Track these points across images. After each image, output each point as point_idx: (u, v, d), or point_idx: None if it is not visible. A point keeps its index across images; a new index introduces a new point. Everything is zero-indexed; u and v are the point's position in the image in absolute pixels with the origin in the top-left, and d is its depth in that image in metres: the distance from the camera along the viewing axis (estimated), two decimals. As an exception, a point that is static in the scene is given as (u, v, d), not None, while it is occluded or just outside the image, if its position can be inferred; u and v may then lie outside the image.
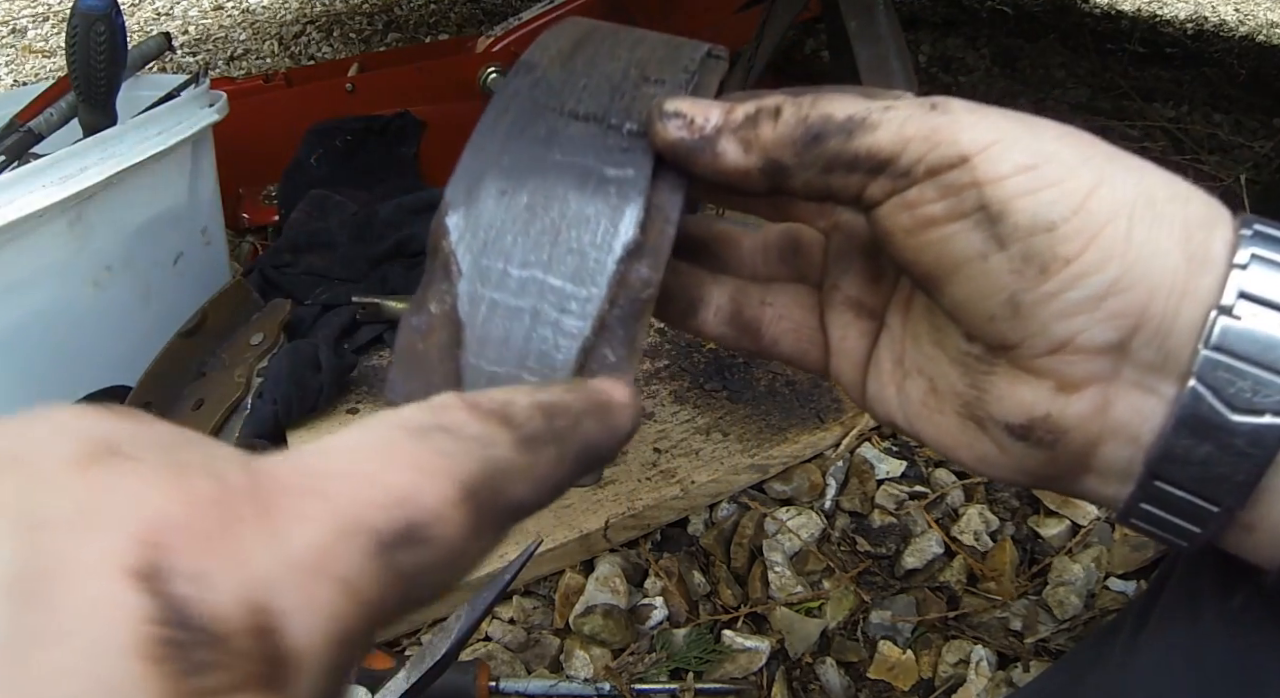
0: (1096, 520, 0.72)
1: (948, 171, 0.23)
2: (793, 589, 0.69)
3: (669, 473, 0.74)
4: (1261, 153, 1.25)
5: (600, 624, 0.66)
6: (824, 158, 0.24)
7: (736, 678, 0.64)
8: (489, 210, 0.25)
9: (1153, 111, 1.36)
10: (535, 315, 0.24)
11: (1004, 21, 1.73)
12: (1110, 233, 0.22)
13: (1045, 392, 0.24)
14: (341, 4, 2.06)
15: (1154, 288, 0.22)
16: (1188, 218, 0.23)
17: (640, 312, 0.24)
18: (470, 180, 0.25)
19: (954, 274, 0.24)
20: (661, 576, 0.70)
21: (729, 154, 0.25)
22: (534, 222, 0.25)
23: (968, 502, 0.75)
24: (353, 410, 0.81)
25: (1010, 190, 0.22)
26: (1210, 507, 0.23)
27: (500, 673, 0.63)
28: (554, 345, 0.24)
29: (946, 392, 0.27)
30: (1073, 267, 0.22)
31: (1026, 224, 0.22)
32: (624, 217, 0.25)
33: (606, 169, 0.25)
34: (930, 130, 0.23)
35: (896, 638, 0.66)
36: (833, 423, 0.78)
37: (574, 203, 0.25)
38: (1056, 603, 0.66)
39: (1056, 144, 0.23)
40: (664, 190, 0.26)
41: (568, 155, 0.25)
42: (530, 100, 0.26)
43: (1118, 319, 0.22)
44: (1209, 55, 1.60)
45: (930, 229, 0.24)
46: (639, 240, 0.25)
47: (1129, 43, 1.62)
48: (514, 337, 0.24)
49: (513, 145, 0.26)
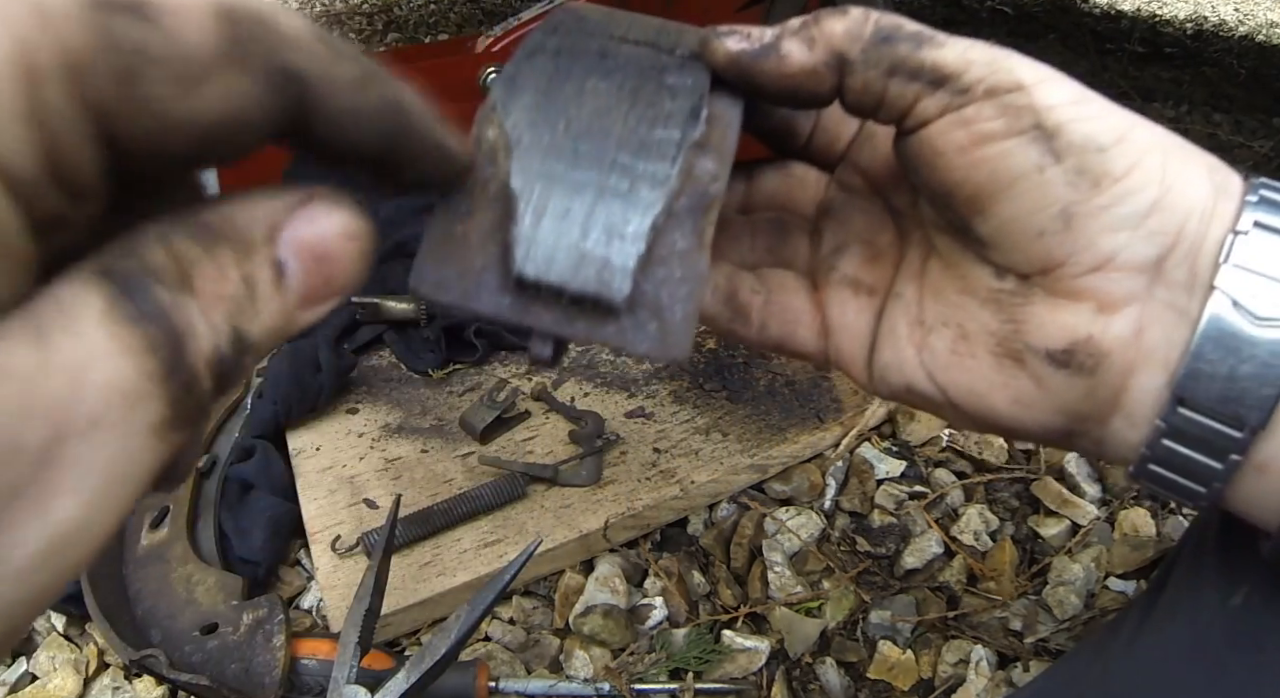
0: (1096, 520, 0.72)
1: (1008, 93, 0.24)
2: (792, 589, 0.69)
3: (668, 473, 0.74)
4: (1261, 153, 1.25)
5: (600, 624, 0.66)
6: (890, 59, 0.25)
7: (736, 678, 0.64)
8: (544, 99, 0.23)
9: (1153, 111, 1.36)
10: (601, 189, 0.22)
11: (1004, 21, 1.73)
12: (1150, 161, 0.24)
13: (1086, 313, 0.25)
14: (341, 4, 2.06)
15: (1189, 210, 0.24)
16: (1208, 161, 0.26)
17: (708, 206, 0.23)
18: (518, 72, 0.24)
19: (1008, 189, 0.25)
20: (661, 576, 0.70)
21: (794, 53, 0.25)
22: (593, 106, 0.23)
23: (968, 502, 0.75)
24: (352, 410, 0.81)
25: (1063, 115, 0.24)
26: (1233, 432, 0.24)
27: (500, 673, 0.63)
28: (623, 218, 0.21)
29: (978, 333, 0.27)
30: (1121, 184, 0.24)
31: (1080, 142, 0.24)
32: (686, 110, 0.24)
33: (666, 77, 0.24)
34: (991, 58, 0.24)
35: (896, 638, 0.66)
36: (832, 423, 0.78)
37: (631, 98, 0.24)
38: (1056, 603, 0.66)
39: (1091, 92, 0.25)
40: (722, 102, 0.25)
41: (625, 66, 0.24)
42: (577, 30, 0.25)
43: (1158, 236, 0.24)
44: (1209, 55, 1.60)
45: (987, 145, 0.25)
46: (704, 135, 0.24)
47: (1129, 43, 1.62)
48: (576, 210, 0.21)
49: (564, 59, 0.24)
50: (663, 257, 0.21)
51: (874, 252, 0.31)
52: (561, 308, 0.21)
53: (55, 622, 0.70)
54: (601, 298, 0.21)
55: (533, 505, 0.72)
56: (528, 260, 0.21)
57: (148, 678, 0.65)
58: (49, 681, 0.66)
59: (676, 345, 0.21)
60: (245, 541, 0.70)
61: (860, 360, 0.31)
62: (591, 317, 0.21)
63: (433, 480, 0.74)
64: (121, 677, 0.66)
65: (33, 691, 0.66)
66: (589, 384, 0.83)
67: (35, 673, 0.67)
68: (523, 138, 0.22)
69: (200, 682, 0.57)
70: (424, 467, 0.75)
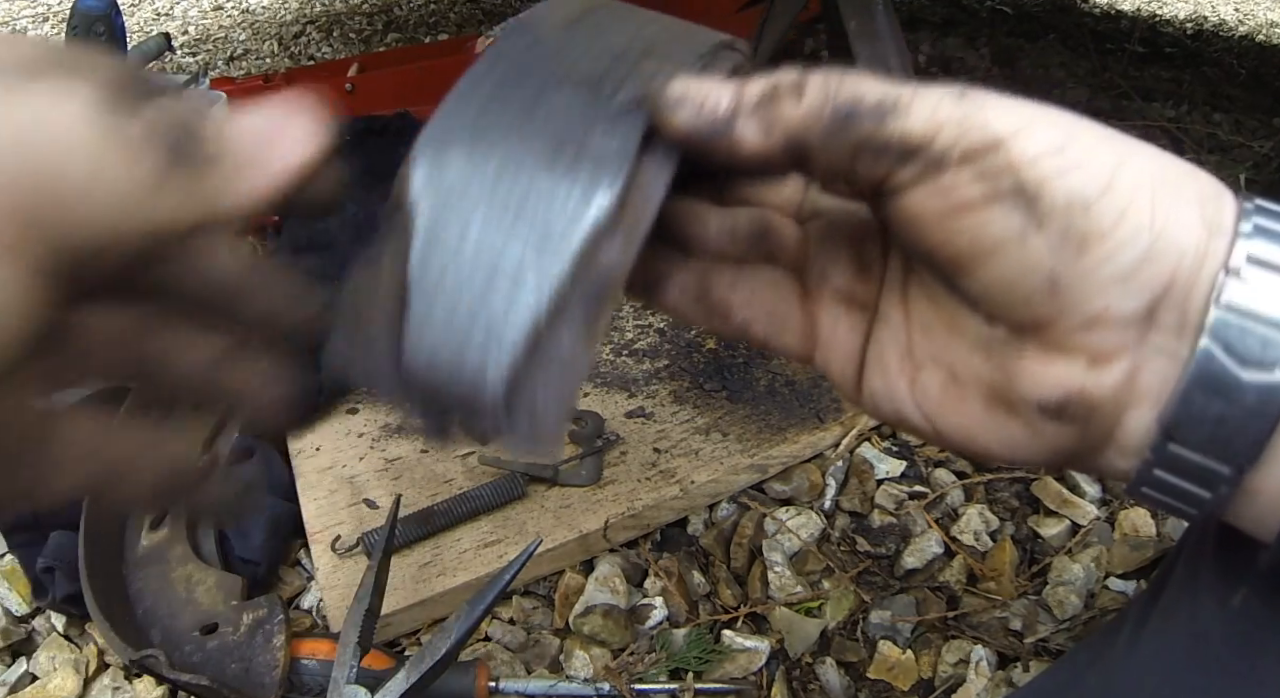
0: (1096, 520, 0.72)
1: (983, 156, 0.23)
2: (792, 589, 0.69)
3: (669, 473, 0.74)
4: (1261, 153, 1.25)
5: (600, 624, 0.66)
6: (853, 139, 0.23)
7: (736, 678, 0.64)
8: (455, 169, 0.23)
9: (1153, 111, 1.36)
10: (488, 285, 0.22)
11: (1004, 21, 1.73)
12: (1138, 206, 0.23)
13: (1078, 367, 0.24)
14: (341, 4, 2.06)
15: (1180, 253, 0.23)
16: (1200, 191, 0.24)
17: (605, 294, 0.22)
18: (442, 137, 0.23)
19: (990, 257, 0.24)
20: (661, 576, 0.70)
21: (748, 137, 0.24)
22: (501, 186, 0.22)
23: (968, 502, 0.75)
24: (353, 410, 0.81)
25: (1045, 170, 0.23)
26: (1221, 468, 0.24)
27: (500, 673, 0.63)
28: (505, 317, 0.21)
29: (969, 379, 0.27)
30: (1109, 241, 0.23)
31: (1064, 204, 0.23)
32: (599, 191, 0.22)
33: (590, 139, 0.23)
34: (962, 115, 0.23)
35: (896, 638, 0.66)
36: (833, 423, 0.78)
37: (547, 171, 0.22)
38: (1056, 603, 0.66)
39: (1074, 126, 0.24)
40: (650, 168, 0.24)
41: (551, 121, 0.23)
42: (521, 61, 0.24)
43: (1148, 287, 0.23)
44: (1209, 55, 1.60)
45: (966, 214, 0.23)
46: (614, 218, 0.22)
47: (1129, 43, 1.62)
48: (462, 306, 0.22)
49: (494, 106, 0.23)
50: (543, 360, 0.22)
51: (862, 262, 0.30)
52: (443, 401, 0.23)
53: (55, 622, 0.70)
54: (476, 403, 0.22)
55: (533, 506, 0.72)
56: (414, 356, 0.22)
57: (148, 678, 0.65)
58: (49, 681, 0.66)
59: (547, 443, 0.22)
60: (245, 541, 0.70)
61: (849, 380, 0.30)
62: (469, 413, 0.22)
63: (433, 481, 0.74)
64: (121, 677, 0.66)
65: (33, 691, 0.66)
66: (589, 384, 0.83)
67: (35, 673, 0.67)
68: (430, 211, 0.22)
69: (200, 682, 0.57)
70: (424, 467, 0.75)
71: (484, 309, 0.22)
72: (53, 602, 0.68)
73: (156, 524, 0.71)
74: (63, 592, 0.67)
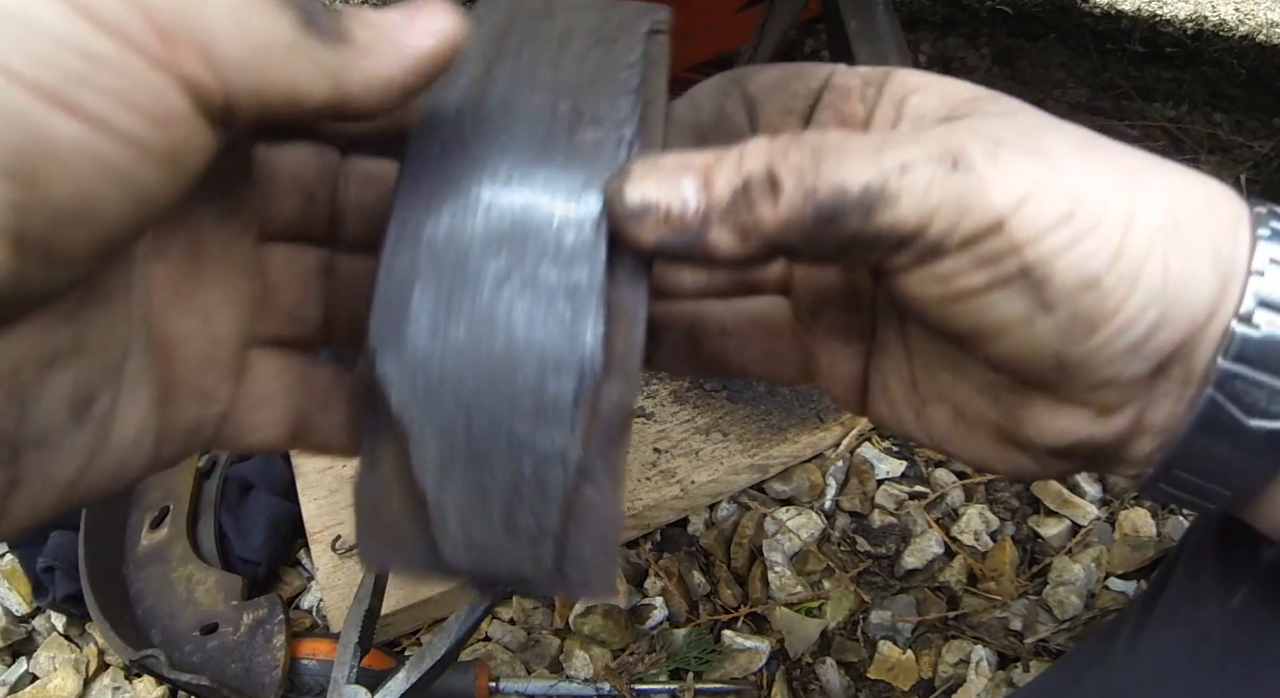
0: (1096, 521, 0.72)
1: (984, 240, 0.21)
2: (793, 589, 0.69)
3: (669, 473, 0.74)
4: (1261, 153, 1.25)
5: (600, 624, 0.66)
6: (839, 238, 0.21)
7: (736, 678, 0.64)
8: (423, 350, 0.20)
9: (1153, 111, 1.36)
10: (505, 469, 0.20)
11: (1004, 21, 1.73)
12: (1150, 271, 0.21)
13: (1084, 419, 0.24)
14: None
15: (1192, 317, 0.22)
16: (1215, 230, 0.22)
17: (619, 436, 0.21)
18: (396, 306, 0.20)
19: (995, 337, 0.22)
20: (661, 576, 0.70)
21: (723, 246, 0.21)
22: (480, 356, 0.20)
23: (968, 502, 0.75)
24: (352, 410, 0.81)
25: (1051, 248, 0.21)
26: (1224, 491, 0.24)
27: (500, 673, 0.63)
28: (533, 502, 0.21)
29: (977, 419, 0.26)
30: (1119, 317, 0.21)
31: (1073, 284, 0.21)
32: (583, 337, 0.20)
33: (552, 273, 0.20)
34: (957, 195, 0.20)
35: (896, 638, 0.66)
36: (833, 423, 0.78)
37: (521, 326, 0.20)
38: (1056, 603, 0.66)
39: (1081, 172, 0.21)
40: (624, 283, 0.21)
41: (503, 258, 0.20)
42: (445, 172, 0.21)
43: (1158, 353, 0.22)
44: (1209, 55, 1.60)
45: (969, 299, 0.22)
46: (604, 361, 0.20)
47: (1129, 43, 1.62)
48: (485, 495, 0.21)
49: (438, 247, 0.20)
50: (580, 518, 0.21)
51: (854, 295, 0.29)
52: (492, 579, 0.22)
53: (55, 622, 0.70)
54: (526, 578, 0.22)
55: (533, 506, 0.72)
56: (452, 550, 0.21)
57: (148, 678, 0.65)
58: (49, 681, 0.66)
59: (602, 587, 0.22)
60: (245, 541, 0.70)
61: (853, 404, 0.29)
62: (521, 585, 0.22)
63: (433, 481, 0.74)
64: (121, 677, 0.66)
65: (33, 691, 0.66)
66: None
67: (35, 673, 0.67)
68: (410, 417, 0.21)
69: (200, 682, 0.57)
70: (424, 467, 0.75)
71: (507, 494, 0.21)
72: (53, 602, 0.68)
73: (156, 524, 0.71)
74: (63, 592, 0.67)
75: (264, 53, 0.17)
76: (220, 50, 0.16)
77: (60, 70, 0.15)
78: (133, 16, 0.15)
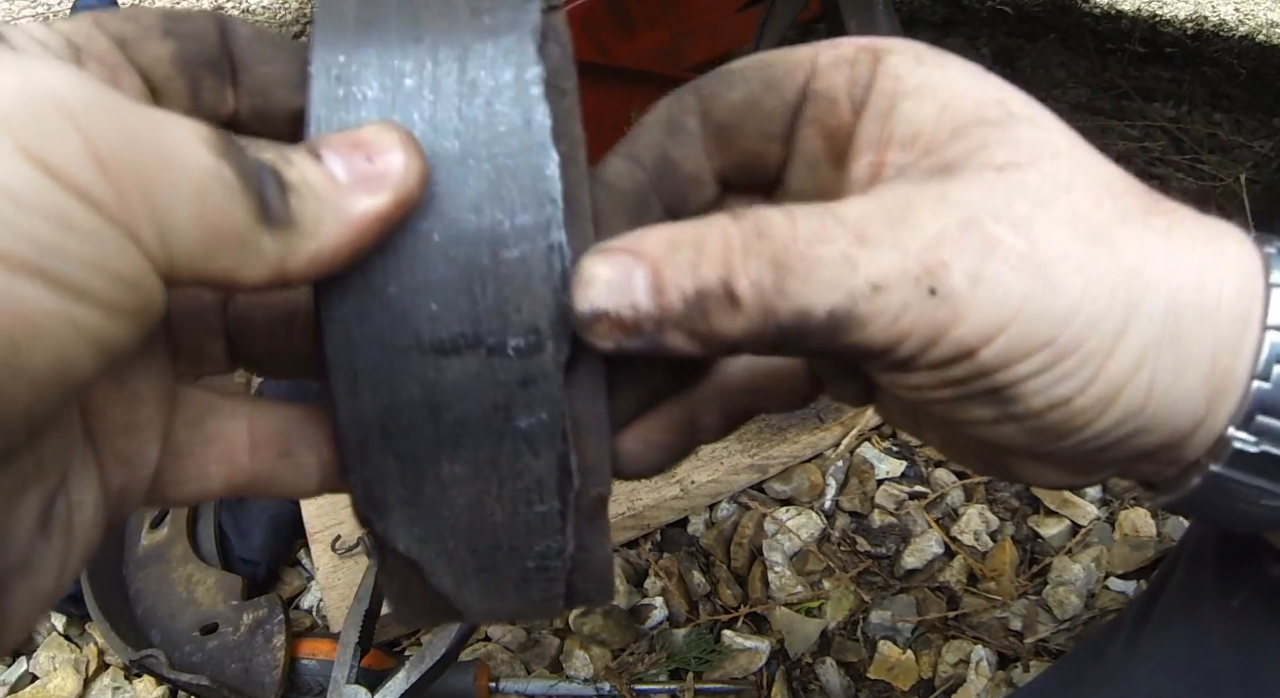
0: (1096, 521, 0.72)
1: (952, 365, 0.20)
2: (793, 589, 0.69)
3: (669, 473, 0.74)
4: (1261, 153, 1.25)
5: (600, 624, 0.66)
6: (804, 349, 0.21)
7: (736, 678, 0.64)
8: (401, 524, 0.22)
9: (1153, 111, 1.36)
10: (517, 576, 0.23)
11: (1004, 21, 1.73)
12: (1131, 390, 0.20)
13: (1068, 474, 0.24)
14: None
15: (1175, 429, 0.21)
16: (1218, 336, 0.21)
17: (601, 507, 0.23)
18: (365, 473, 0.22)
19: (968, 428, 0.22)
20: (661, 576, 0.70)
21: (683, 348, 0.20)
22: (460, 502, 0.22)
23: (968, 502, 0.75)
24: (352, 410, 0.81)
25: (1023, 373, 0.20)
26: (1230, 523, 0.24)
27: (500, 673, 0.63)
28: (542, 589, 0.24)
29: (968, 451, 0.26)
30: (1088, 431, 0.21)
31: (1040, 406, 0.21)
32: (552, 462, 0.21)
33: (514, 421, 0.20)
34: (930, 325, 0.20)
35: (896, 638, 0.66)
36: (833, 423, 0.78)
37: (496, 468, 0.21)
38: (1056, 603, 0.66)
39: (1077, 285, 0.20)
40: (583, 399, 0.21)
41: (461, 423, 0.20)
42: (378, 340, 0.20)
43: (1134, 453, 0.22)
44: (1209, 55, 1.60)
45: (936, 404, 0.22)
46: (578, 486, 0.22)
47: (1129, 43, 1.62)
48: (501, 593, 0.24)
49: (391, 419, 0.20)
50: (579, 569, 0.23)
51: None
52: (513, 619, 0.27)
53: (55, 622, 0.70)
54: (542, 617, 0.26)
55: (533, 506, 0.72)
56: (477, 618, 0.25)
57: (148, 678, 0.65)
58: (49, 681, 0.66)
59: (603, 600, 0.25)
60: (245, 541, 0.70)
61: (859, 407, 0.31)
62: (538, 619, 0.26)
63: (433, 480, 0.74)
64: (121, 677, 0.66)
65: (33, 691, 0.66)
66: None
67: (35, 673, 0.67)
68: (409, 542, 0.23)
69: (200, 682, 0.57)
70: (424, 467, 0.75)
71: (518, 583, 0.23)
72: (53, 602, 0.68)
73: (156, 524, 0.71)
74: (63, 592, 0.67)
75: (217, 241, 0.17)
76: (176, 232, 0.16)
77: (36, 242, 0.15)
78: (97, 178, 0.15)
